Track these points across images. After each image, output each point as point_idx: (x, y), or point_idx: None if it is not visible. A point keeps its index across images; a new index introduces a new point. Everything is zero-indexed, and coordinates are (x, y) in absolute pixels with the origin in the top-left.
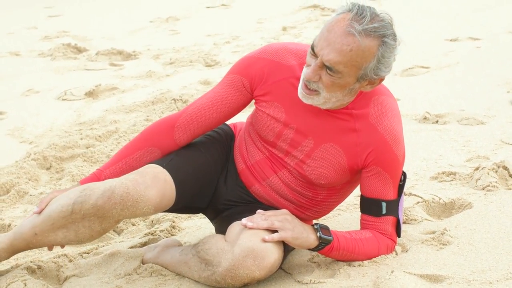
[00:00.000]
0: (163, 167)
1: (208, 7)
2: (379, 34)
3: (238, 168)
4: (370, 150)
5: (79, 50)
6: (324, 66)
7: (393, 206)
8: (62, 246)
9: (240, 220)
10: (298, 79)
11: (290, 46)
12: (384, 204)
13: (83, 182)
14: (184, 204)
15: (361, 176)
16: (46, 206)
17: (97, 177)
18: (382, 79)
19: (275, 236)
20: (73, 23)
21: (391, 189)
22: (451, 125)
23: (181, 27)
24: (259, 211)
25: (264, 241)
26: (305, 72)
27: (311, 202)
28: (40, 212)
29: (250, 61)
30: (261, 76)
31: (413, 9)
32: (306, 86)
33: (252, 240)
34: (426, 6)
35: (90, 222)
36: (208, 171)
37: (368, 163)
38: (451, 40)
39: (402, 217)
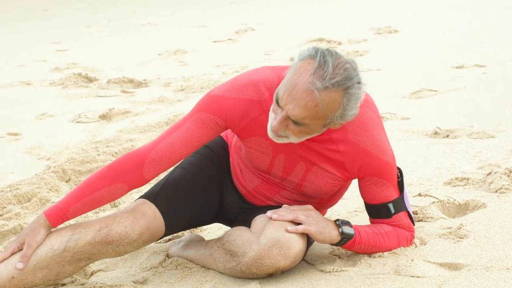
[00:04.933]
0: (151, 200)
1: (215, 41)
2: (343, 87)
3: (240, 191)
4: (360, 165)
5: (90, 80)
6: (289, 118)
7: (400, 203)
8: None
9: (263, 213)
10: None
11: (255, 77)
12: (391, 205)
13: (48, 214)
14: (180, 229)
15: (360, 186)
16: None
17: (63, 212)
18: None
19: (299, 228)
20: (82, 57)
21: (392, 190)
22: (462, 139)
23: (189, 59)
24: (284, 205)
25: (288, 231)
26: (271, 122)
27: (319, 204)
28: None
29: (220, 101)
30: (234, 117)
31: (418, 39)
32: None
33: (278, 230)
34: (430, 37)
35: (78, 260)
36: (204, 191)
37: (362, 176)
38: (457, 67)
39: (410, 209)
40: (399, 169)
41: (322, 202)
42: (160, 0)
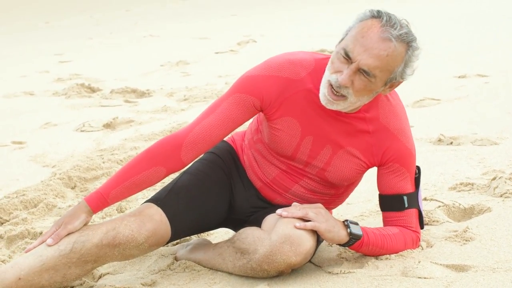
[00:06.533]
0: (158, 205)
1: (217, 53)
2: (409, 39)
3: (256, 185)
4: (385, 149)
5: (93, 90)
6: (358, 71)
7: (414, 198)
8: None
9: (274, 213)
10: (308, 91)
11: (292, 57)
12: (405, 198)
13: (89, 200)
14: (186, 234)
15: (379, 174)
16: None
17: (104, 197)
18: (401, 83)
19: (308, 224)
20: (84, 68)
21: (409, 183)
22: (465, 146)
23: (191, 70)
24: (294, 203)
25: (296, 227)
26: (336, 78)
27: (333, 197)
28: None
29: (257, 80)
30: (270, 95)
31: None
32: (333, 92)
33: (289, 227)
34: (432, 47)
35: (84, 263)
36: (211, 197)
37: (385, 161)
38: (459, 77)
39: (422, 209)
40: (417, 166)
41: (334, 197)
42: (161, 12)
